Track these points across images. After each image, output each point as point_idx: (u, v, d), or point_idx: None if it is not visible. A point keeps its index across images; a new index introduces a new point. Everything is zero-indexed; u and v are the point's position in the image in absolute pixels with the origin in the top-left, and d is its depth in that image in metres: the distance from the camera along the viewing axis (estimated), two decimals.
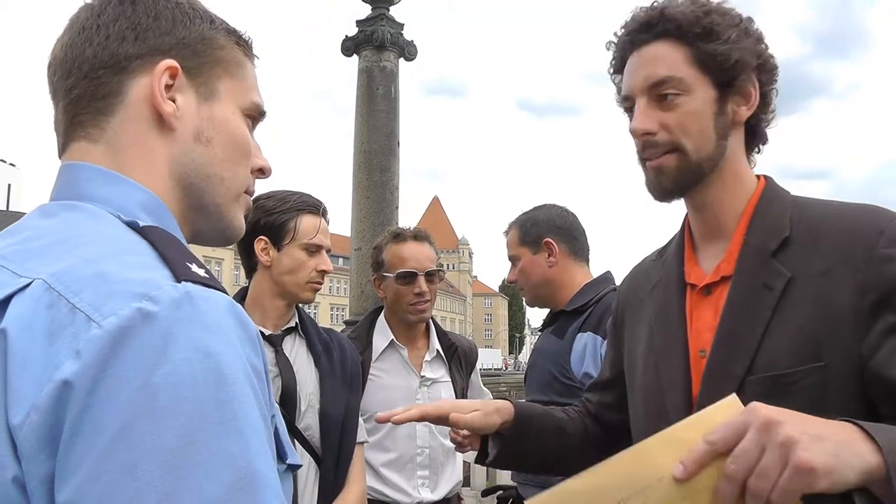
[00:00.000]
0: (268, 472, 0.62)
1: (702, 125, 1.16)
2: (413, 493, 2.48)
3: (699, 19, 1.15)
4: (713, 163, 1.17)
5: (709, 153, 1.17)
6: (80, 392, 0.57)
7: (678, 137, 1.16)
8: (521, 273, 2.40)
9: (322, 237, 2.04)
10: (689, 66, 1.15)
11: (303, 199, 2.06)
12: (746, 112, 1.18)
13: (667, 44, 1.17)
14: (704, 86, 1.16)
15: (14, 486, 0.58)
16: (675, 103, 1.16)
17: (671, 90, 1.16)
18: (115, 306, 0.60)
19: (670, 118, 1.16)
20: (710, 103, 1.16)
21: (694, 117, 1.15)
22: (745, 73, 1.16)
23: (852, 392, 1.02)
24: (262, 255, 2.02)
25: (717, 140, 1.17)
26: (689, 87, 1.15)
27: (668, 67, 1.16)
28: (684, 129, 1.15)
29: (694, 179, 1.18)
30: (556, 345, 2.27)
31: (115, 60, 0.79)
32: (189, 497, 0.57)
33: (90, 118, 0.79)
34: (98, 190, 0.76)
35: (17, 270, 0.66)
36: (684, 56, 1.16)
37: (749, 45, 1.16)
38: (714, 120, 1.16)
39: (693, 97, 1.15)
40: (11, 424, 0.58)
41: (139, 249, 0.70)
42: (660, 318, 1.26)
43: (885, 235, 1.04)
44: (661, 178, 1.18)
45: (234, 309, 0.67)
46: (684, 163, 1.16)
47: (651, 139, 1.17)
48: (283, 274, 2.00)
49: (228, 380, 0.61)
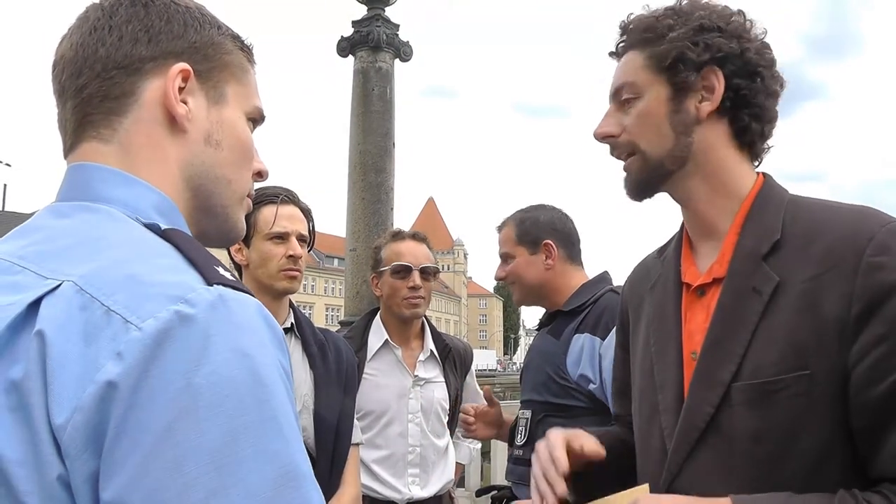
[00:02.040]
0: (307, 468, 0.65)
1: (656, 123, 1.18)
2: (403, 490, 2.52)
3: (651, 25, 1.19)
4: (676, 159, 1.18)
5: (668, 150, 1.18)
6: (125, 392, 0.59)
7: (634, 138, 1.20)
8: (513, 272, 2.37)
9: (285, 223, 2.05)
10: (644, 70, 1.20)
11: (260, 191, 2.07)
12: (709, 107, 1.16)
13: (632, 53, 1.23)
14: (657, 86, 1.18)
15: (59, 484, 0.59)
16: (631, 106, 1.21)
17: (628, 94, 1.21)
18: (153, 309, 0.61)
19: (628, 120, 1.21)
20: (664, 102, 1.18)
21: (647, 117, 1.19)
22: (690, 71, 1.15)
23: (837, 402, 1.01)
24: (237, 255, 2.06)
25: (677, 137, 1.18)
26: (641, 89, 1.20)
27: (626, 74, 1.22)
28: (637, 129, 1.20)
29: (659, 177, 1.20)
30: (552, 345, 2.26)
31: (128, 62, 0.79)
32: (235, 492, 0.59)
33: (102, 118, 0.79)
34: (112, 191, 0.77)
35: (41, 272, 0.67)
36: (641, 62, 1.20)
37: (698, 40, 1.15)
38: (669, 118, 1.18)
39: (645, 98, 1.19)
40: (54, 425, 0.59)
41: (165, 252, 0.71)
42: (656, 318, 1.26)
43: (874, 242, 1.02)
44: (629, 178, 1.24)
45: (263, 311, 0.69)
46: (644, 163, 1.20)
47: (613, 141, 1.23)
48: (256, 269, 2.04)
49: (265, 380, 0.64)
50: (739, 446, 1.06)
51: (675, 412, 1.15)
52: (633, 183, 1.23)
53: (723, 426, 1.08)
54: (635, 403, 1.30)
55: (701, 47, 1.15)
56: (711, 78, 1.16)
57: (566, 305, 2.30)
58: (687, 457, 1.11)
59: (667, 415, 1.16)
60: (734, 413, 1.07)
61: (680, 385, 1.16)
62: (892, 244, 1.02)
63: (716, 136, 1.18)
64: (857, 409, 1.00)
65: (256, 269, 2.03)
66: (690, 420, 1.11)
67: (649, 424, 1.21)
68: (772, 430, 1.04)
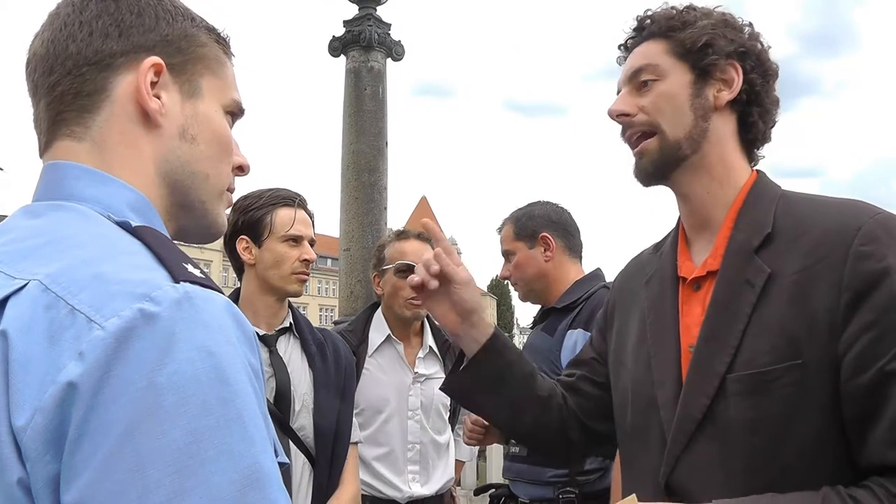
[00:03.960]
0: (272, 468, 0.63)
1: (677, 104, 1.21)
2: (404, 488, 2.51)
3: (676, 15, 1.24)
4: (693, 143, 1.21)
5: (686, 131, 1.20)
6: (86, 393, 0.57)
7: (654, 117, 1.22)
8: (516, 268, 2.41)
9: (301, 227, 2.05)
10: (666, 55, 1.23)
11: (277, 193, 2.08)
12: (728, 96, 1.20)
13: (652, 42, 1.25)
14: (680, 70, 1.22)
15: (19, 488, 0.58)
16: (652, 87, 1.23)
17: (648, 76, 1.23)
18: (116, 307, 0.60)
19: (646, 100, 1.23)
20: (686, 85, 1.21)
21: (669, 97, 1.21)
22: (719, 56, 1.20)
23: (830, 390, 1.03)
24: (244, 254, 2.04)
25: (696, 119, 1.20)
26: (664, 71, 1.22)
27: (647, 57, 1.24)
28: (659, 108, 1.22)
29: (675, 160, 1.22)
30: (546, 342, 2.29)
31: (99, 57, 0.78)
32: (197, 495, 0.57)
33: (75, 115, 0.78)
34: (86, 190, 0.75)
35: (11, 272, 0.66)
36: (663, 48, 1.23)
37: (723, 32, 1.21)
38: (690, 100, 1.21)
39: (668, 80, 1.22)
40: (15, 427, 0.58)
41: (133, 250, 0.70)
42: (653, 312, 1.27)
43: (862, 232, 1.04)
44: (643, 161, 1.24)
45: (232, 309, 0.67)
46: (663, 143, 1.22)
47: (627, 120, 1.24)
48: (267, 269, 2.02)
49: (230, 379, 0.62)
50: (735, 436, 1.07)
51: (673, 405, 1.16)
52: (648, 164, 1.23)
53: (719, 417, 1.09)
54: (626, 396, 1.30)
55: (728, 38, 1.20)
56: (731, 70, 1.21)
57: (559, 302, 2.34)
58: (684, 448, 1.12)
59: (666, 409, 1.17)
60: (730, 404, 1.08)
61: (679, 379, 1.17)
62: (879, 234, 1.04)
63: (726, 129, 1.22)
64: (846, 397, 1.02)
65: (268, 270, 2.02)
66: (687, 411, 1.12)
67: (646, 418, 1.21)
68: (766, 420, 1.05)
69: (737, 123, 1.23)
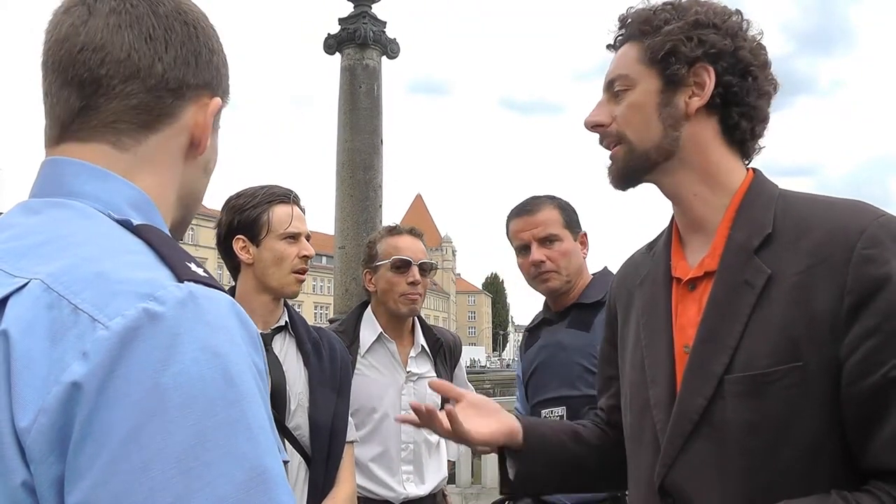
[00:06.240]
0: (277, 469, 0.63)
1: (645, 115, 1.20)
2: (398, 489, 2.48)
3: (648, 18, 1.21)
4: (663, 152, 1.20)
5: (654, 143, 1.19)
6: (90, 394, 0.57)
7: (622, 128, 1.22)
8: (563, 255, 2.30)
9: (298, 224, 2.04)
10: (638, 63, 1.21)
11: (271, 190, 2.05)
12: (699, 102, 1.17)
13: (628, 45, 1.24)
14: (649, 78, 1.20)
15: (24, 490, 0.58)
16: (623, 97, 1.22)
17: (620, 86, 1.22)
18: (120, 307, 0.60)
19: (618, 111, 1.23)
20: (654, 94, 1.19)
21: (636, 108, 1.21)
22: (681, 64, 1.16)
23: (830, 393, 1.02)
24: (241, 253, 2.01)
25: (664, 129, 1.19)
26: (633, 81, 1.21)
27: (620, 66, 1.24)
28: (627, 119, 1.21)
29: (643, 168, 1.22)
30: (582, 337, 2.25)
31: (177, 85, 0.80)
32: (202, 496, 0.57)
33: (133, 129, 0.78)
34: (84, 186, 0.75)
35: (10, 270, 0.65)
36: (636, 53, 1.22)
37: (693, 35, 1.16)
38: (658, 110, 1.19)
39: (637, 89, 1.21)
40: (18, 428, 0.58)
41: (136, 248, 0.69)
42: (646, 313, 1.26)
43: (865, 235, 1.03)
44: (613, 167, 1.25)
45: (236, 308, 0.67)
46: (629, 152, 1.22)
47: (602, 130, 1.25)
48: (266, 268, 2.00)
49: (236, 379, 0.62)
50: (733, 438, 1.07)
51: (667, 406, 1.15)
52: (616, 171, 1.25)
53: (716, 418, 1.09)
54: (625, 399, 1.30)
55: (694, 42, 1.16)
56: (703, 74, 1.16)
57: (585, 298, 2.31)
58: (681, 449, 1.12)
59: (658, 409, 1.16)
60: (727, 405, 1.08)
61: (672, 379, 1.17)
62: (883, 237, 1.03)
63: (705, 132, 1.19)
64: (848, 400, 1.01)
65: (267, 269, 2.00)
66: (684, 412, 1.12)
67: (641, 419, 1.21)
68: (765, 422, 1.05)
69: (719, 125, 1.19)
